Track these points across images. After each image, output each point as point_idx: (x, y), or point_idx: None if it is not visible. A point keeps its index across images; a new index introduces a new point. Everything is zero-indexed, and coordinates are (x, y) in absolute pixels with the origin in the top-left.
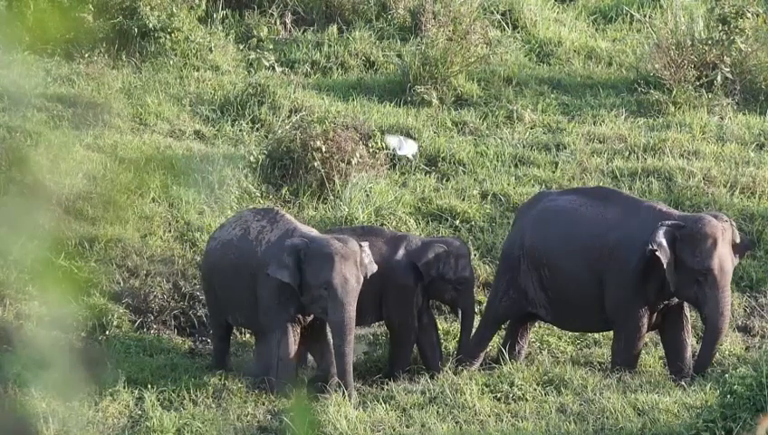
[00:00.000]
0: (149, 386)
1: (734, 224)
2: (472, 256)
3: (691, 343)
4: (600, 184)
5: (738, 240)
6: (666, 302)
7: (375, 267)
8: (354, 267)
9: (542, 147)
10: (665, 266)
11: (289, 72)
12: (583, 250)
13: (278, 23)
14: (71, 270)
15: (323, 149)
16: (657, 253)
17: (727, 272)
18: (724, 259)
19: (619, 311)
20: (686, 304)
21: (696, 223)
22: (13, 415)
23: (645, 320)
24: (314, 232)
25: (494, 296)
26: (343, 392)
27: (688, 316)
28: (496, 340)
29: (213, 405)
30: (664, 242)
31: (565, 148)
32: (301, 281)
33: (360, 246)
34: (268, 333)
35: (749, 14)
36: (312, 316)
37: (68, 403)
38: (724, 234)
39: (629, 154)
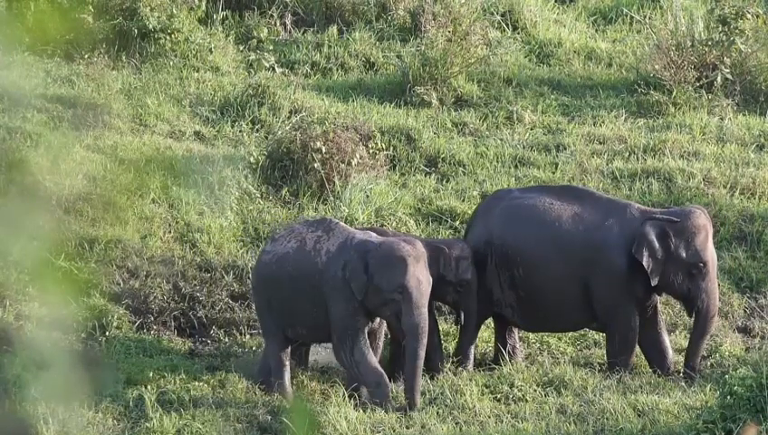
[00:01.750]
0: (149, 387)
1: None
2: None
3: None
4: (601, 185)
5: None
6: (652, 299)
7: None
8: (425, 268)
9: (542, 148)
10: (644, 262)
11: (289, 73)
12: (564, 251)
13: (278, 24)
14: (71, 271)
15: (323, 150)
16: (642, 249)
17: (716, 263)
18: (713, 250)
19: (611, 312)
20: (659, 303)
21: (689, 217)
22: (13, 416)
23: (637, 318)
24: (374, 236)
25: None
26: (347, 395)
27: (661, 314)
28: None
29: (213, 405)
30: (653, 237)
31: (565, 149)
32: (367, 285)
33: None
34: (341, 344)
35: (749, 15)
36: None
37: (68, 404)
38: (710, 225)
39: (629, 155)
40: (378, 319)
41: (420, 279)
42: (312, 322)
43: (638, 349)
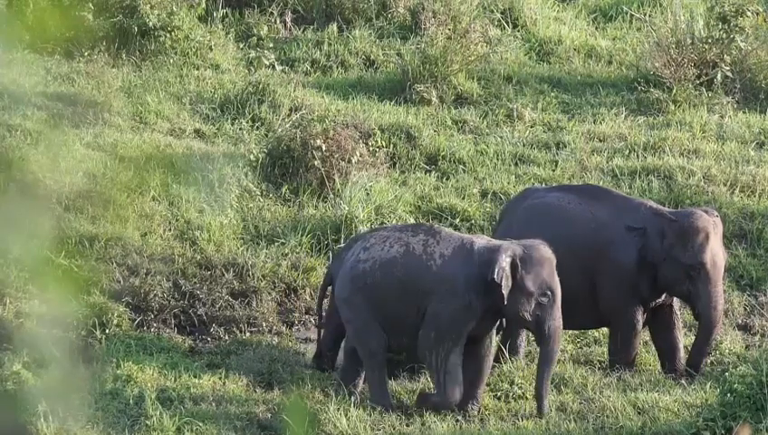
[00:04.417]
0: (149, 384)
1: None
2: None
3: (683, 341)
4: (601, 183)
5: None
6: (658, 299)
7: None
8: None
9: (542, 145)
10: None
11: (289, 71)
12: (575, 249)
13: (278, 21)
14: (71, 269)
15: (323, 148)
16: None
17: (720, 267)
18: (717, 253)
19: (614, 310)
20: (675, 303)
21: (687, 218)
22: (12, 414)
23: (640, 318)
24: (491, 239)
25: None
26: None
27: (679, 314)
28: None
29: (213, 403)
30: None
31: (565, 146)
32: (511, 289)
33: None
34: (437, 346)
35: (749, 13)
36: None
37: (67, 402)
38: (716, 228)
39: (629, 153)
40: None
41: (558, 281)
42: (416, 330)
43: (640, 347)
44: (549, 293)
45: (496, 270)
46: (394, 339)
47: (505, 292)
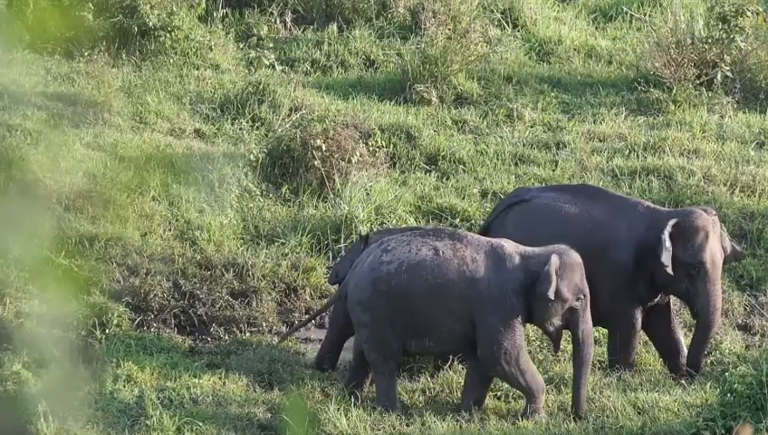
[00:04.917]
0: (149, 385)
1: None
2: None
3: (683, 338)
4: (601, 183)
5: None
6: (656, 298)
7: None
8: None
9: (542, 145)
10: (667, 268)
11: (289, 71)
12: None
13: (278, 21)
14: (71, 269)
15: (323, 148)
16: (662, 258)
17: (718, 265)
18: (715, 252)
19: (613, 310)
20: (671, 301)
21: (688, 217)
22: (12, 414)
23: (638, 317)
24: (518, 244)
25: None
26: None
27: (674, 312)
28: None
29: (213, 403)
30: (670, 246)
31: (565, 146)
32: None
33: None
34: (502, 355)
35: (749, 13)
36: None
37: (67, 402)
38: (714, 227)
39: (629, 153)
40: None
41: (587, 284)
42: (444, 333)
43: (640, 347)
44: (582, 297)
45: (546, 285)
46: (416, 342)
47: (543, 299)
